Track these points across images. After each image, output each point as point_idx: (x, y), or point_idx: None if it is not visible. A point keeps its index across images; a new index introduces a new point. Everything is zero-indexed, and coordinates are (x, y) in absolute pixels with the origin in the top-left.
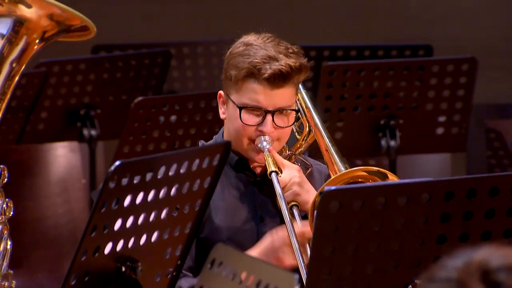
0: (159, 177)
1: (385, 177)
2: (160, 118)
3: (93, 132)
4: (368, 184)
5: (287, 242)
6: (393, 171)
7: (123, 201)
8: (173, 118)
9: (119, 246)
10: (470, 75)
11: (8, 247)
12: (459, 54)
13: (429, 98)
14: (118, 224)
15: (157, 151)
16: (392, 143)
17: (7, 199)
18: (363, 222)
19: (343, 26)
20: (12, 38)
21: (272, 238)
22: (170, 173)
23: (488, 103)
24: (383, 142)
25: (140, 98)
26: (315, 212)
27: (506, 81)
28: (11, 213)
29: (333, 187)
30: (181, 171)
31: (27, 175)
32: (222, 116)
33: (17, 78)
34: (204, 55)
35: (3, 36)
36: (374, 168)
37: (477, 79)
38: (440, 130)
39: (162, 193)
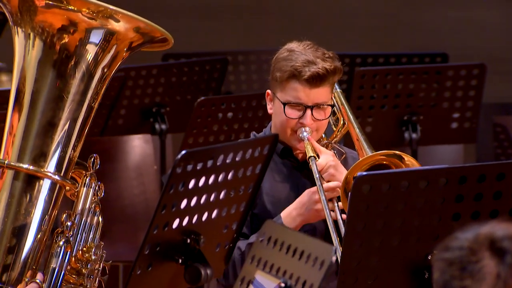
0: (218, 164)
1: (400, 157)
2: (218, 115)
3: (163, 127)
4: (394, 170)
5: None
6: (415, 159)
7: (188, 184)
8: (229, 114)
9: (184, 222)
10: (480, 78)
11: (100, 222)
12: (471, 61)
13: (445, 98)
14: (184, 203)
15: (216, 142)
16: (414, 135)
17: (98, 182)
18: (390, 202)
19: (372, 38)
20: (103, 47)
21: (308, 193)
22: (228, 161)
23: (495, 102)
24: (406, 135)
25: (202, 98)
26: (350, 194)
27: (511, 83)
28: (102, 194)
29: (364, 173)
30: (237, 159)
31: (109, 162)
32: (269, 111)
33: (107, 82)
34: (255, 61)
35: (96, 44)
36: (391, 151)
37: (485, 82)
38: (454, 125)
39: (220, 177)
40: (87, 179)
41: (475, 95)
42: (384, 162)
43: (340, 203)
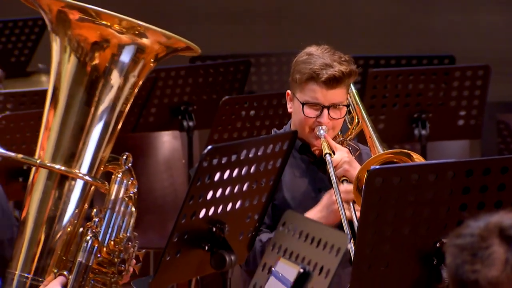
0: (241, 158)
1: (409, 156)
2: (242, 113)
3: (191, 124)
4: (405, 164)
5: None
6: (424, 154)
7: (214, 176)
8: (252, 112)
9: (210, 212)
10: (484, 79)
11: (132, 215)
12: (476, 62)
13: (452, 97)
14: (210, 194)
15: (239, 138)
16: (423, 132)
17: (131, 179)
18: (401, 194)
19: (385, 41)
20: (133, 59)
21: (329, 196)
22: (250, 155)
23: (499, 101)
24: (416, 131)
25: (226, 97)
26: (364, 186)
27: None
28: (134, 189)
29: (377, 167)
30: (259, 153)
31: (140, 156)
32: (289, 110)
33: (136, 89)
34: (276, 63)
35: (126, 58)
36: (399, 150)
37: (490, 82)
38: (460, 122)
39: (244, 170)
40: (119, 176)
41: (480, 94)
42: (394, 160)
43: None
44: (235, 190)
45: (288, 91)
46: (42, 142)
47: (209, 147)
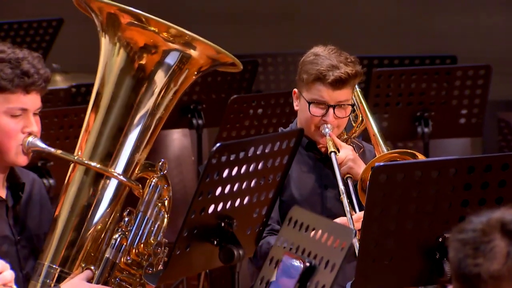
0: (249, 155)
1: (414, 156)
2: (250, 111)
3: (200, 122)
4: (408, 161)
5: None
6: (426, 152)
7: (223, 173)
8: (259, 111)
9: (219, 207)
10: (485, 78)
11: (164, 221)
12: (477, 62)
13: (454, 96)
14: (218, 190)
15: (247, 136)
16: (426, 130)
17: (165, 185)
18: (404, 190)
19: (388, 42)
20: (177, 68)
21: (340, 222)
22: (258, 152)
23: (500, 99)
24: (419, 129)
25: (235, 96)
26: (368, 182)
27: None
28: (168, 195)
29: (382, 163)
30: (266, 150)
31: (151, 153)
32: (296, 108)
33: (178, 97)
34: (282, 63)
35: (171, 66)
36: (403, 150)
37: (491, 81)
38: (462, 120)
39: (251, 167)
40: (153, 181)
41: (481, 93)
42: (397, 159)
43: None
44: (243, 186)
45: (295, 90)
46: (81, 143)
47: (218, 144)
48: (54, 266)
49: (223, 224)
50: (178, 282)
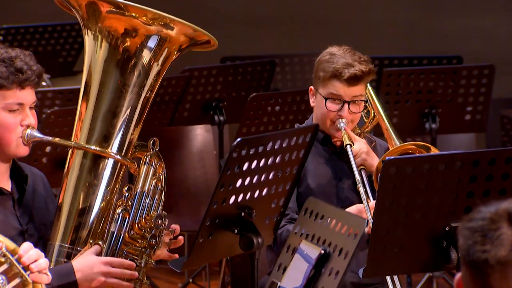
0: (267, 149)
1: (428, 149)
2: (268, 108)
3: (221, 118)
4: (417, 155)
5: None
6: (434, 146)
7: (243, 166)
8: (277, 108)
9: (239, 198)
10: (489, 77)
11: (162, 195)
12: (482, 62)
13: (459, 94)
14: (239, 182)
15: (266, 131)
16: (433, 126)
17: (159, 162)
18: (413, 182)
19: (398, 43)
20: (158, 49)
21: (356, 209)
22: (276, 147)
23: (503, 97)
24: (426, 125)
25: (254, 94)
26: (379, 175)
27: None
28: (163, 171)
29: (392, 157)
30: (283, 145)
31: (176, 148)
32: (312, 104)
33: (161, 77)
34: (299, 63)
35: (152, 47)
36: (421, 142)
37: (494, 80)
38: (467, 117)
39: (270, 160)
40: (147, 158)
41: (486, 91)
42: (410, 151)
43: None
44: (262, 178)
45: (311, 87)
46: (76, 131)
47: (238, 139)
48: (64, 245)
49: (243, 214)
50: (201, 268)
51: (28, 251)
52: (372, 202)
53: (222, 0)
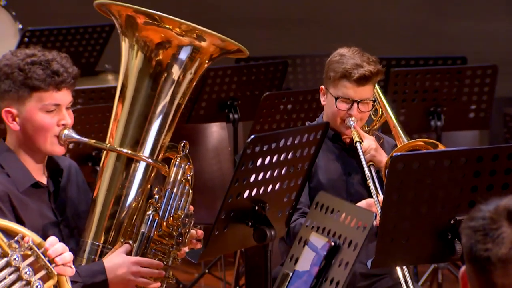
0: (280, 146)
1: (436, 146)
2: (280, 107)
3: (236, 116)
4: (423, 151)
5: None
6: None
7: (256, 162)
8: (289, 106)
9: (253, 192)
10: (492, 77)
11: (189, 195)
12: (485, 63)
13: (464, 93)
14: (252, 177)
15: (278, 129)
16: (439, 123)
17: (188, 163)
18: (419, 177)
19: (405, 44)
20: (190, 59)
21: (366, 203)
22: (288, 143)
23: (505, 96)
24: (432, 123)
25: (267, 93)
26: (387, 170)
27: None
28: (191, 173)
29: (399, 153)
30: (295, 142)
31: (193, 144)
32: (322, 103)
33: (193, 85)
34: (310, 64)
35: (184, 57)
36: (429, 139)
37: (497, 80)
38: (471, 115)
39: (282, 156)
40: (177, 161)
41: (489, 90)
42: (417, 148)
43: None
44: (275, 173)
45: (322, 87)
46: (111, 131)
47: (252, 136)
48: (96, 243)
49: (256, 208)
50: (217, 259)
51: (54, 244)
52: (382, 197)
53: (237, 4)
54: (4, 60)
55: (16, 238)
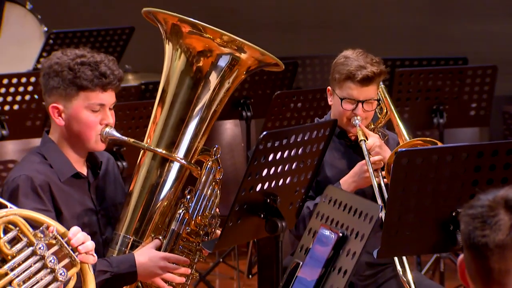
0: (291, 142)
1: (435, 144)
2: (291, 105)
3: (249, 114)
4: (426, 147)
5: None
6: (441, 139)
7: (268, 157)
8: (299, 104)
9: (265, 186)
10: (492, 76)
11: (217, 197)
12: (485, 63)
13: (465, 92)
14: (264, 172)
15: (289, 126)
16: (441, 120)
17: (219, 167)
18: (423, 172)
19: (409, 46)
20: (229, 69)
21: (360, 166)
22: (298, 140)
23: (504, 95)
24: (435, 120)
25: (278, 92)
26: (392, 165)
27: None
28: (221, 176)
29: (404, 149)
30: (305, 138)
31: (208, 140)
32: (330, 103)
33: (231, 92)
34: (319, 64)
35: (223, 66)
36: (428, 138)
37: (497, 79)
38: (472, 112)
39: (293, 152)
40: (209, 164)
41: (489, 89)
42: (418, 146)
43: (383, 172)
44: (286, 168)
45: (329, 88)
46: (150, 132)
47: (264, 133)
48: (128, 236)
49: (268, 201)
50: (231, 249)
51: (76, 234)
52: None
53: (251, 8)
54: (54, 58)
55: (41, 228)
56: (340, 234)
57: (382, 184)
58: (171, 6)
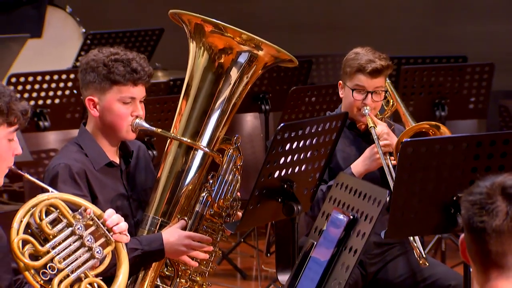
0: (306, 133)
1: (439, 127)
2: (306, 99)
3: (267, 107)
4: (429, 137)
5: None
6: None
7: (285, 146)
8: (313, 99)
9: (282, 173)
10: (489, 73)
11: (238, 182)
12: (484, 60)
13: (464, 87)
14: (282, 160)
15: (304, 118)
16: (443, 113)
17: (239, 155)
18: (426, 160)
19: (413, 45)
20: (247, 65)
21: (370, 149)
22: (312, 131)
23: (501, 89)
24: (437, 113)
25: (294, 87)
26: (398, 154)
27: None
28: (241, 163)
29: (409, 139)
30: (319, 129)
31: (229, 132)
32: (341, 96)
33: (247, 88)
34: (331, 62)
35: (242, 63)
36: (433, 122)
37: (494, 76)
38: (471, 106)
39: (307, 142)
40: (230, 151)
41: (486, 85)
42: (423, 130)
43: (391, 157)
44: (301, 156)
45: (340, 81)
46: (175, 123)
47: (282, 124)
48: (156, 217)
49: (285, 186)
50: (251, 230)
51: (111, 215)
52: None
53: (268, 10)
54: (91, 55)
55: (79, 210)
56: (351, 217)
57: (390, 165)
58: (196, 9)
